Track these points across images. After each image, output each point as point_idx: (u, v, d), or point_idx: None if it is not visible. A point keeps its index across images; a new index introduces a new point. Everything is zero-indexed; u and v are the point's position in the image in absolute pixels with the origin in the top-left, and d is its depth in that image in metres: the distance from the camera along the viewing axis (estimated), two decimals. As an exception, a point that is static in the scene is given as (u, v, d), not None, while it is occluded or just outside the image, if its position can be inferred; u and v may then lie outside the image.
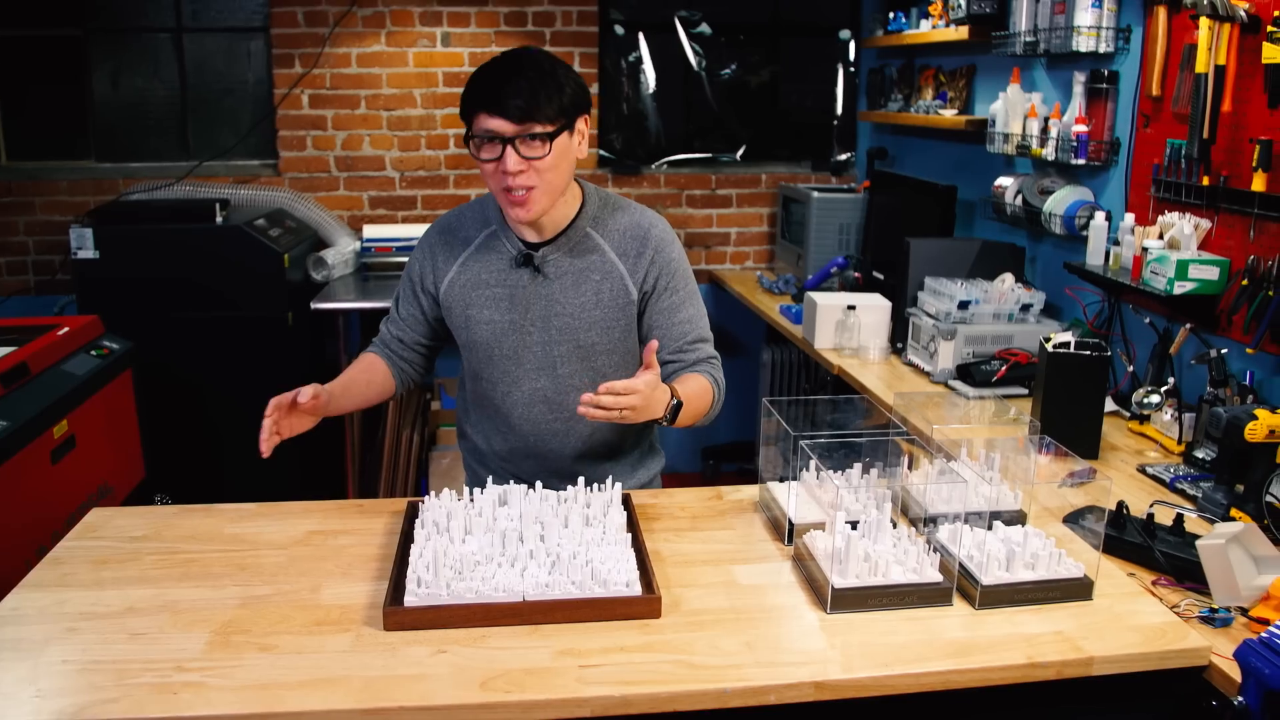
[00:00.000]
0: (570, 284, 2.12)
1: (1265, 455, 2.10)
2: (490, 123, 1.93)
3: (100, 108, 4.76)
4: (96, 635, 1.60)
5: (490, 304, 2.14)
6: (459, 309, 2.17)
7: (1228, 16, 2.51)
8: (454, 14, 4.73)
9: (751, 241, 5.24)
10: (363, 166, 4.85)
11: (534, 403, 2.17)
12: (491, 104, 1.92)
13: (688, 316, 2.19)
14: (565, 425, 2.19)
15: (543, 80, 1.94)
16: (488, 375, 2.19)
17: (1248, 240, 2.55)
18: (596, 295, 2.13)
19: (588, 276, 2.13)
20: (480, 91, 1.95)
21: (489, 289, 2.14)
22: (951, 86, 4.13)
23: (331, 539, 1.96)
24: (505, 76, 1.94)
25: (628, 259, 2.14)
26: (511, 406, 2.19)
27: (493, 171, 1.98)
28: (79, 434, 3.18)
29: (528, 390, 2.17)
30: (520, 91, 1.91)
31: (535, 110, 1.92)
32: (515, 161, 1.94)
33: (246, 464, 4.18)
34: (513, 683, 1.47)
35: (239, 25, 4.75)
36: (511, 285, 2.13)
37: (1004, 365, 3.03)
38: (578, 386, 2.14)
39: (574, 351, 2.14)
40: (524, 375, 2.16)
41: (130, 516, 2.07)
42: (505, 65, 1.97)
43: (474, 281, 2.15)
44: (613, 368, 2.18)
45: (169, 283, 4.06)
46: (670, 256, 2.17)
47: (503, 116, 1.92)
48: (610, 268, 2.13)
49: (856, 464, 2.04)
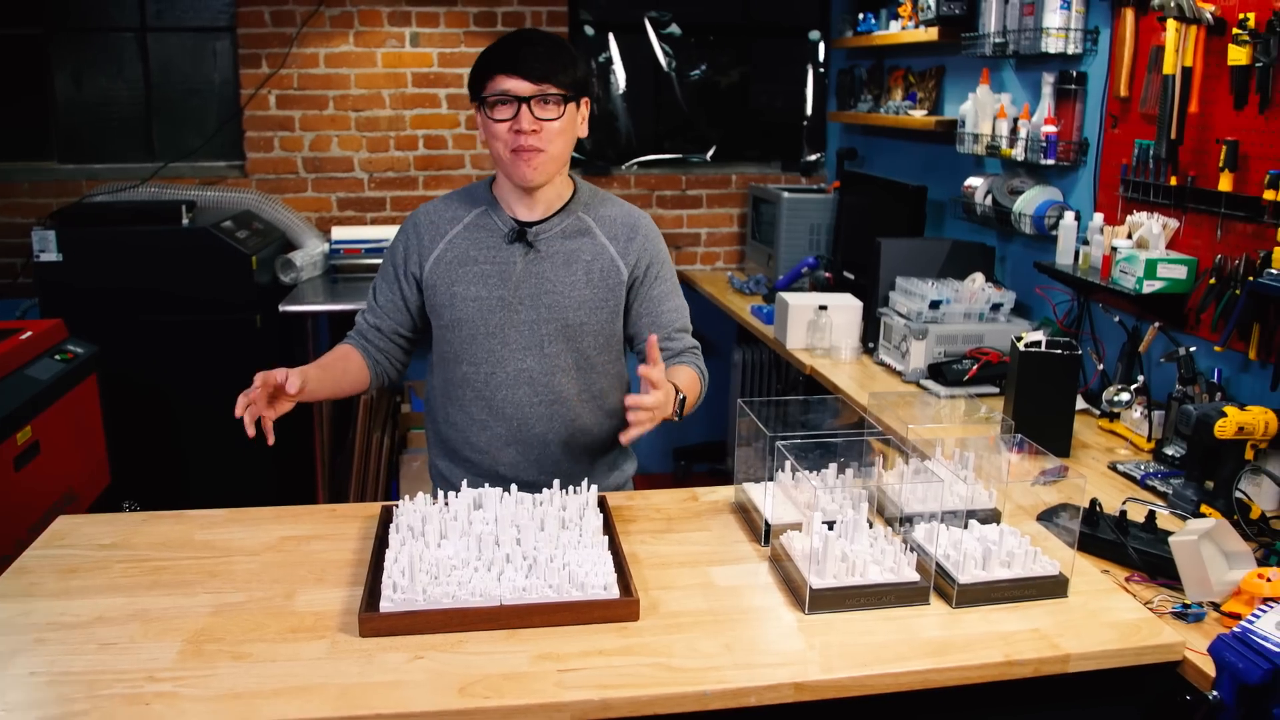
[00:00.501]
0: (561, 263, 2.15)
1: (1234, 452, 2.12)
2: (507, 83, 2.01)
3: (63, 108, 4.69)
4: (65, 646, 1.57)
5: (478, 280, 2.14)
6: (444, 286, 2.15)
7: (1194, 19, 2.54)
8: (423, 14, 4.71)
9: (722, 242, 5.24)
10: (331, 168, 4.81)
11: (519, 384, 2.16)
12: (510, 65, 2.01)
13: (674, 306, 2.27)
14: (549, 409, 2.18)
15: (559, 49, 2.06)
16: (470, 357, 2.17)
17: (1215, 239, 2.58)
18: (587, 275, 2.15)
19: (578, 256, 2.16)
20: (498, 55, 2.04)
21: (477, 265, 2.15)
22: (921, 87, 4.16)
23: (304, 544, 1.94)
24: (521, 42, 2.05)
25: (618, 242, 2.19)
26: (495, 389, 2.17)
27: (504, 132, 2.04)
28: (43, 440, 3.14)
29: (513, 370, 2.16)
30: (538, 56, 2.02)
31: (551, 73, 2.02)
32: (529, 120, 2.02)
33: (215, 469, 4.19)
34: (491, 688, 1.46)
35: (204, 25, 4.69)
36: (501, 262, 2.14)
37: (975, 364, 3.05)
38: (563, 368, 2.16)
39: (561, 331, 2.14)
40: (509, 355, 2.15)
41: (98, 524, 2.03)
42: (520, 35, 2.09)
43: (461, 258, 2.15)
44: (598, 351, 2.19)
45: (135, 286, 4.00)
46: (659, 246, 2.26)
47: (521, 76, 2.01)
48: (601, 249, 2.17)
49: (832, 464, 2.04)
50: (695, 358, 2.28)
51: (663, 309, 2.24)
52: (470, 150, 4.88)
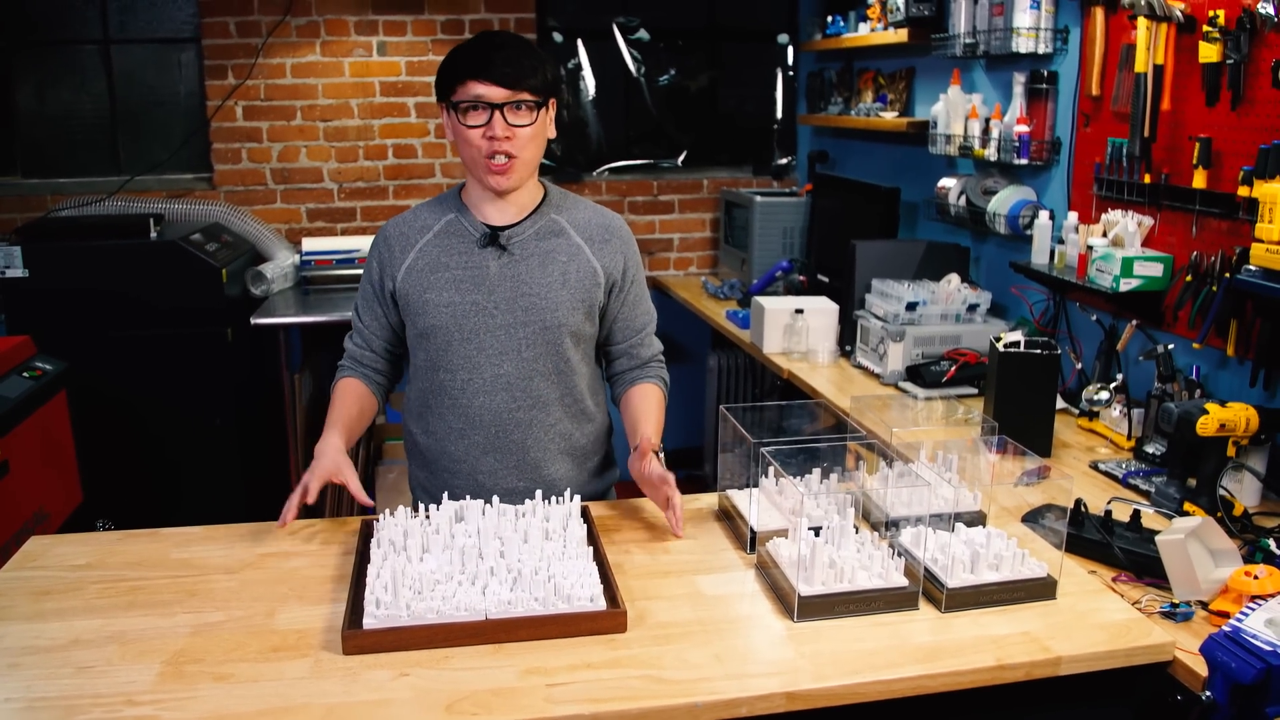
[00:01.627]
0: (537, 264, 2.13)
1: (1216, 449, 2.13)
2: (479, 89, 1.99)
3: (26, 122, 4.61)
4: (40, 670, 1.54)
5: (450, 286, 2.11)
6: (416, 294, 2.13)
7: (1164, 16, 2.55)
8: (390, 23, 4.67)
9: (695, 247, 5.23)
10: (300, 178, 4.76)
11: (496, 389, 2.14)
12: (481, 70, 1.99)
13: (645, 309, 2.30)
14: (528, 414, 2.16)
15: (527, 52, 2.04)
16: (445, 364, 2.14)
17: (1190, 236, 2.59)
18: (564, 275, 2.13)
19: (554, 257, 2.14)
20: (467, 60, 2.01)
21: (448, 271, 2.12)
22: (891, 89, 4.16)
23: (284, 561, 1.90)
24: (491, 46, 2.01)
25: (593, 244, 2.18)
26: (472, 396, 2.14)
27: (477, 139, 2.02)
28: (12, 459, 3.08)
29: (490, 376, 2.13)
30: (509, 60, 1.99)
31: (523, 78, 2.00)
32: (503, 127, 2.00)
33: (189, 485, 4.14)
34: (479, 704, 1.44)
35: (168, 36, 4.63)
36: (474, 267, 2.12)
37: (953, 365, 3.05)
38: (541, 371, 2.14)
39: (540, 334, 2.12)
40: (485, 361, 2.13)
41: (71, 544, 1.99)
42: (487, 38, 2.04)
43: (432, 265, 2.13)
44: (575, 353, 2.18)
45: (103, 301, 3.95)
46: (632, 249, 2.26)
47: (493, 82, 1.98)
48: (577, 250, 2.16)
49: (815, 469, 2.03)
50: (659, 368, 2.32)
51: (636, 312, 2.26)
52: (440, 159, 4.85)
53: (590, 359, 2.25)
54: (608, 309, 2.22)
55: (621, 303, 2.23)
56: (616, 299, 2.22)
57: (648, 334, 2.29)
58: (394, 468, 4.56)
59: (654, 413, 2.20)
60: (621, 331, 2.25)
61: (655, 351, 2.32)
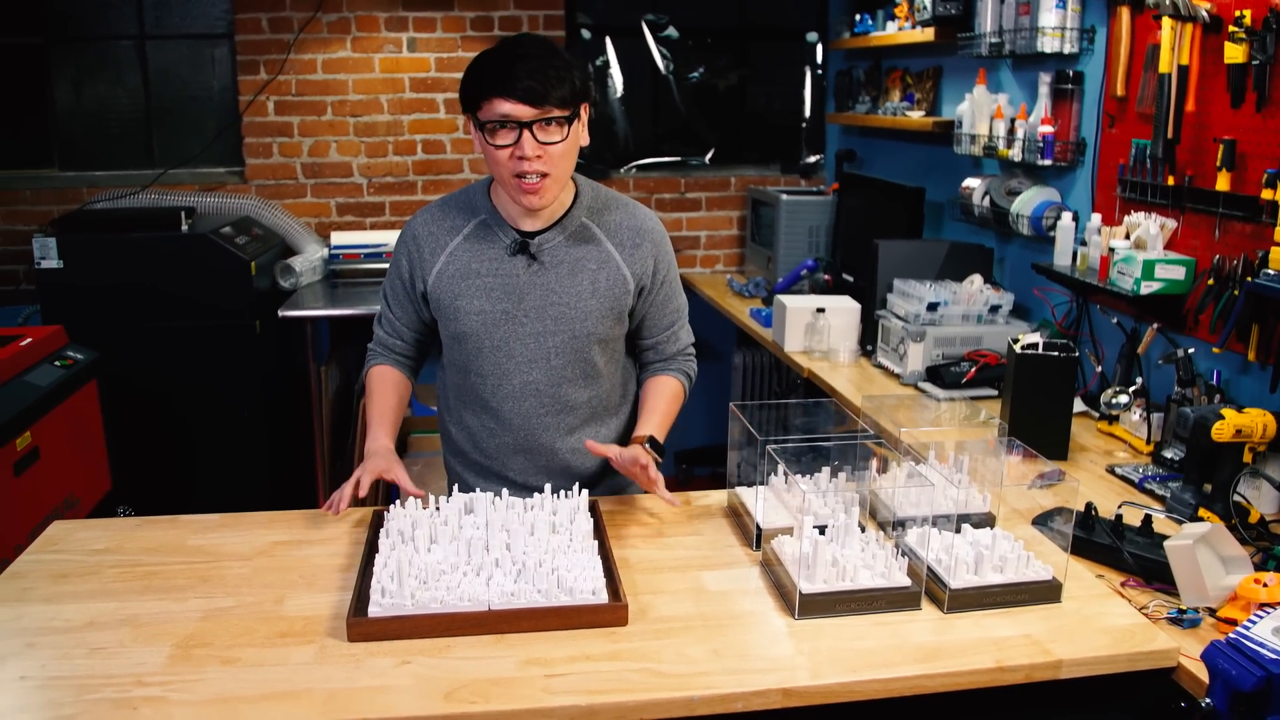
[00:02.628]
0: (567, 273, 2.10)
1: (1232, 455, 2.11)
2: (506, 107, 1.90)
3: (63, 116, 4.69)
4: (56, 650, 1.58)
5: (481, 294, 2.10)
6: (448, 300, 2.12)
7: (1190, 17, 2.52)
8: (420, 19, 4.71)
9: (721, 245, 5.23)
10: (330, 173, 4.81)
11: (525, 396, 2.15)
12: (505, 88, 1.89)
13: (675, 306, 2.27)
14: (556, 419, 2.17)
15: (553, 63, 1.92)
16: (476, 369, 2.15)
17: (1213, 240, 2.57)
18: (593, 284, 2.11)
19: (584, 265, 2.11)
20: (491, 75, 1.92)
21: (480, 279, 2.10)
22: (918, 88, 4.15)
23: (296, 549, 1.93)
24: (515, 58, 1.91)
25: (624, 250, 2.14)
26: (501, 400, 2.16)
27: (505, 158, 1.94)
28: (43, 446, 3.14)
29: (519, 383, 2.14)
30: (534, 74, 1.89)
31: (550, 92, 1.90)
32: (533, 146, 1.92)
33: (215, 474, 4.19)
34: (478, 693, 1.46)
35: (202, 32, 4.70)
36: (505, 275, 2.10)
37: (973, 367, 3.04)
38: (569, 378, 2.15)
39: (568, 343, 2.12)
40: (515, 368, 2.13)
41: (91, 529, 2.03)
42: (511, 48, 1.94)
43: (464, 271, 2.11)
44: (604, 358, 2.18)
45: (134, 292, 4.01)
46: (666, 249, 2.21)
47: (519, 100, 1.89)
48: (607, 257, 2.13)
49: (825, 468, 2.03)
50: (684, 362, 2.31)
51: (665, 311, 2.25)
52: (468, 154, 4.88)
53: (619, 357, 2.25)
54: (636, 310, 2.21)
55: (650, 303, 2.21)
56: (645, 300, 2.20)
57: (674, 330, 2.28)
58: (419, 460, 4.59)
59: (660, 406, 2.21)
60: (649, 329, 2.25)
61: (683, 346, 2.31)
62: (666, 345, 2.28)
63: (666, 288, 2.23)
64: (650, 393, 2.25)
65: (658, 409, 2.20)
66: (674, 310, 2.27)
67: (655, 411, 2.20)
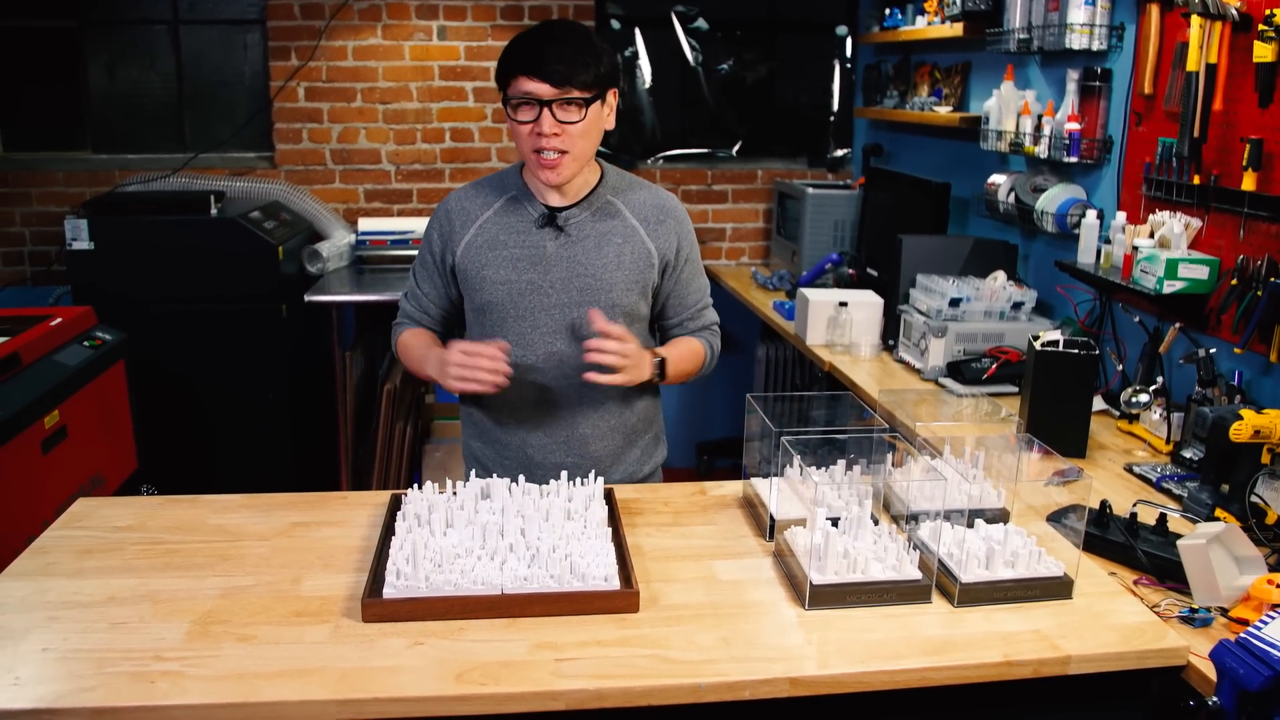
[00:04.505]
0: (593, 245, 2.17)
1: (1250, 455, 2.09)
2: (529, 85, 2.01)
3: (96, 100, 4.75)
4: (77, 624, 1.61)
5: (507, 264, 2.17)
6: (474, 270, 2.19)
7: (1219, 15, 2.51)
8: (450, 7, 4.73)
9: (747, 237, 5.23)
10: (358, 159, 4.84)
11: (549, 367, 2.20)
12: (531, 67, 2.00)
13: (699, 285, 2.35)
14: (579, 392, 2.21)
15: (581, 47, 2.03)
16: (500, 339, 2.18)
17: (1237, 240, 2.55)
18: (619, 257, 2.18)
19: (610, 239, 2.18)
20: (520, 55, 2.02)
21: (506, 250, 2.17)
22: (947, 83, 4.13)
23: (314, 531, 1.96)
24: (545, 40, 2.02)
25: (648, 225, 2.22)
26: (525, 371, 2.20)
27: (527, 134, 2.05)
28: (70, 424, 3.19)
29: (543, 354, 2.19)
30: (560, 56, 2.00)
31: (573, 75, 2.01)
32: (551, 124, 2.02)
33: (240, 457, 4.24)
34: (488, 675, 1.48)
35: (235, 18, 4.74)
36: (532, 246, 2.17)
37: (994, 363, 3.03)
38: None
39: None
40: (540, 338, 2.18)
41: (115, 507, 2.07)
42: (544, 31, 2.07)
43: (491, 242, 2.18)
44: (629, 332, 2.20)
45: (163, 274, 4.06)
46: (688, 229, 2.30)
47: (542, 79, 2.00)
48: (631, 232, 2.20)
49: (840, 461, 2.04)
50: (709, 335, 2.36)
51: (690, 290, 2.32)
52: (496, 143, 4.90)
53: (644, 337, 2.28)
54: (661, 287, 2.27)
55: (675, 281, 2.28)
56: (670, 278, 2.27)
57: (699, 309, 2.35)
58: (441, 446, 4.64)
59: (680, 347, 2.29)
60: (674, 308, 2.32)
61: (707, 322, 2.37)
62: (691, 322, 2.35)
63: (690, 266, 2.30)
64: (675, 341, 2.33)
65: (676, 348, 2.28)
66: (698, 290, 2.34)
67: (674, 348, 2.28)
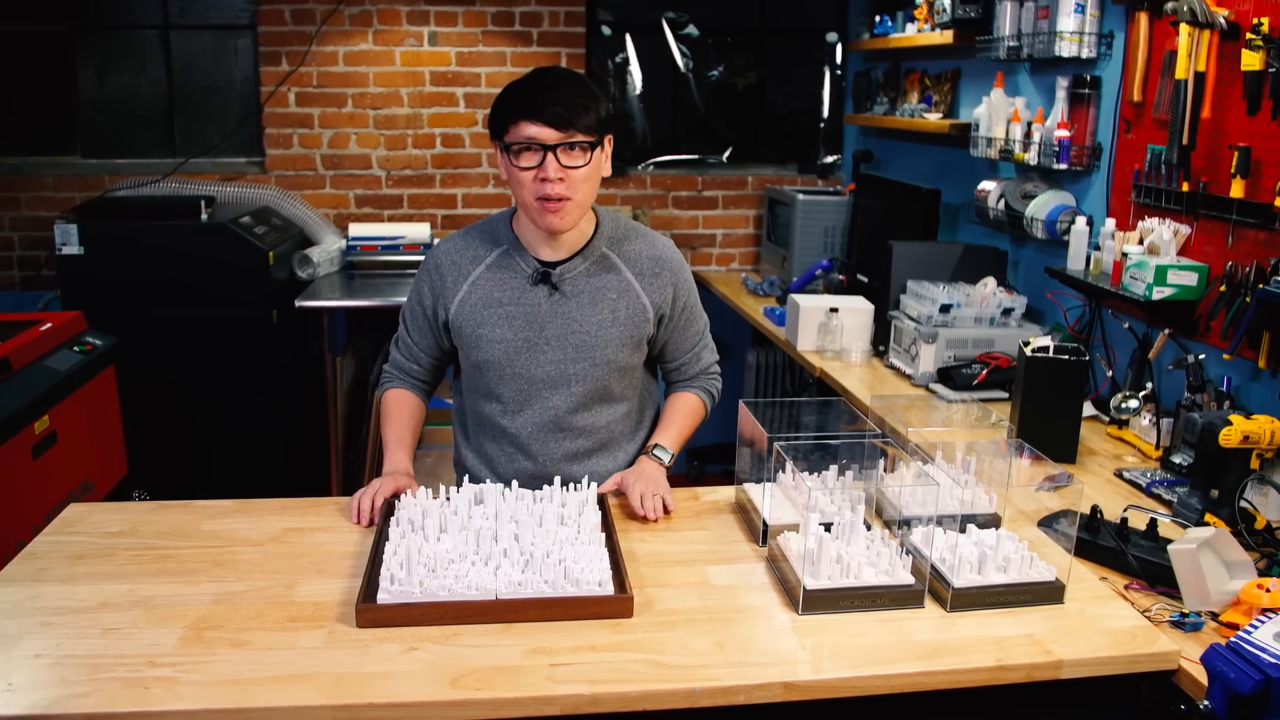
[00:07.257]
0: (587, 302, 2.14)
1: (1239, 461, 2.11)
2: (531, 129, 1.96)
3: (86, 104, 4.74)
4: (70, 630, 1.60)
5: (503, 322, 2.14)
6: (470, 329, 2.16)
7: (1207, 23, 2.53)
8: (441, 13, 4.73)
9: (737, 243, 5.25)
10: (349, 165, 4.84)
11: (544, 422, 2.18)
12: (533, 111, 1.95)
13: (696, 330, 2.34)
14: (574, 444, 2.21)
15: (580, 91, 1.99)
16: (497, 395, 2.19)
17: (1226, 246, 2.57)
18: (614, 313, 2.15)
19: (604, 295, 2.15)
20: (520, 99, 1.98)
21: (502, 307, 2.14)
22: (936, 90, 4.15)
23: (308, 536, 1.96)
24: (544, 86, 1.98)
25: (644, 279, 2.18)
26: (521, 427, 2.19)
27: (529, 180, 1.99)
28: (60, 429, 3.18)
29: (539, 410, 2.17)
30: (561, 100, 1.95)
31: (576, 119, 1.96)
32: (556, 169, 1.97)
33: (230, 462, 4.23)
34: (483, 680, 1.48)
35: (226, 23, 4.74)
36: (526, 304, 2.13)
37: (984, 369, 3.04)
38: (587, 405, 2.18)
39: (589, 370, 2.15)
40: (536, 394, 2.17)
41: (107, 512, 2.07)
42: (541, 77, 2.02)
43: (486, 300, 2.14)
44: (623, 386, 2.22)
45: (153, 279, 4.05)
46: (685, 276, 2.26)
47: (545, 123, 1.95)
48: (627, 286, 2.17)
49: (833, 466, 2.04)
50: (705, 380, 2.36)
51: (686, 336, 2.30)
52: (486, 149, 4.90)
53: (636, 384, 2.28)
54: (657, 337, 2.25)
55: (671, 330, 2.27)
56: (666, 328, 2.25)
57: (696, 352, 2.34)
58: (431, 452, 4.62)
59: (677, 420, 2.29)
60: (671, 353, 2.32)
61: (705, 365, 2.36)
62: (689, 366, 2.34)
63: (687, 314, 2.28)
64: (669, 407, 2.34)
65: (674, 422, 2.29)
66: (695, 334, 2.33)
67: (671, 424, 2.29)
